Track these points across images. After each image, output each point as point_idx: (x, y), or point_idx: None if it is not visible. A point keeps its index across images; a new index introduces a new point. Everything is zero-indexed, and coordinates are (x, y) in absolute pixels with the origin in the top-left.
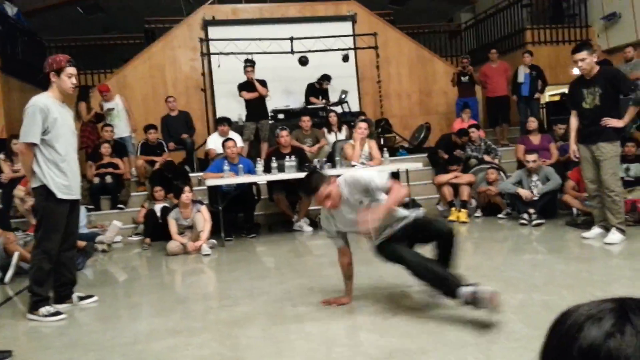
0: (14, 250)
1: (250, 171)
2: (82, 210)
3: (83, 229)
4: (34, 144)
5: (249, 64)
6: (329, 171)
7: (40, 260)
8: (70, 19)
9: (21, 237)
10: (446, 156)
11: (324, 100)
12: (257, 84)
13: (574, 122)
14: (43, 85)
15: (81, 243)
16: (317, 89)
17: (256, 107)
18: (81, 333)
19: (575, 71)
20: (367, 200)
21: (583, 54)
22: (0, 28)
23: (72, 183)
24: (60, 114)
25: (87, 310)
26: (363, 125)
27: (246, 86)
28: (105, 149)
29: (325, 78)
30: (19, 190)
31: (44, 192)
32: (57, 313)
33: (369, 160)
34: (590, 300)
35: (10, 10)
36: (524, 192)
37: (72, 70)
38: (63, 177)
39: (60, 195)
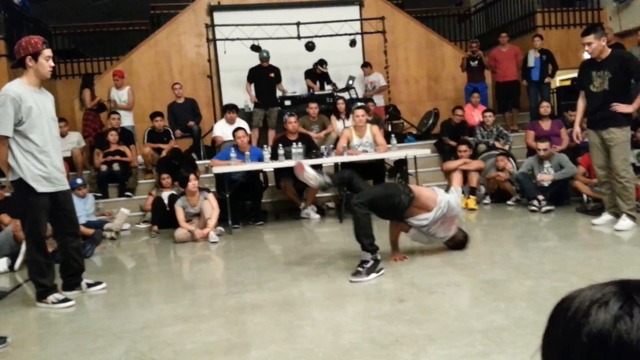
0: (23, 237)
1: (260, 159)
2: (90, 197)
3: (91, 217)
4: (7, 137)
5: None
6: (333, 158)
7: (33, 254)
8: (75, 5)
9: None
10: (453, 143)
11: (329, 86)
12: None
13: (581, 104)
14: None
15: (89, 230)
16: (317, 73)
17: (266, 94)
18: (90, 319)
19: (586, 55)
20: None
21: (590, 38)
22: (5, 15)
23: (53, 174)
24: (36, 102)
25: (96, 297)
26: (360, 112)
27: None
28: (113, 136)
29: (323, 62)
30: None
31: (22, 186)
32: (65, 300)
33: (371, 147)
34: (590, 285)
35: None
36: (545, 177)
37: (49, 52)
38: (42, 168)
39: (40, 188)
